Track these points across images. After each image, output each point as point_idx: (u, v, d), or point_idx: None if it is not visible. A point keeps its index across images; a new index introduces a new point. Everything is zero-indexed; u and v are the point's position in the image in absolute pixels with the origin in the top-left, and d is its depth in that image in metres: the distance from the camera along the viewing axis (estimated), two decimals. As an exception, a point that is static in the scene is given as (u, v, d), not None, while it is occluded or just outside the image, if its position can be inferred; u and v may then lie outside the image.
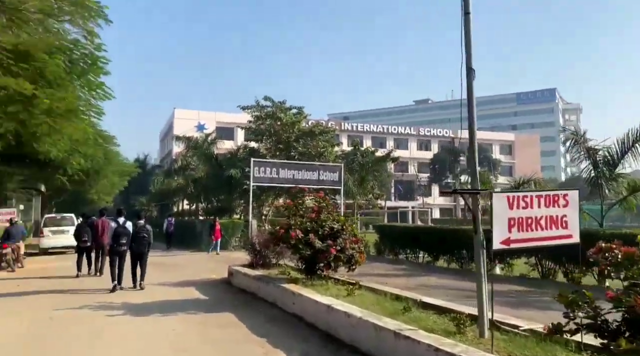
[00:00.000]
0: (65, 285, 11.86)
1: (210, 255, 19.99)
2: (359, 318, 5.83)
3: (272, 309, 8.42)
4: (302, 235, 8.69)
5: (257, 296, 9.56)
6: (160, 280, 12.14)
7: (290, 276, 9.60)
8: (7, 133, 19.14)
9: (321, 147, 26.29)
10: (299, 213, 9.35)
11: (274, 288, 8.70)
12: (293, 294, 7.80)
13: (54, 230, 20.35)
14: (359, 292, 7.91)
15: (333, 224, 9.03)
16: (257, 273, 10.20)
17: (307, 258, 8.84)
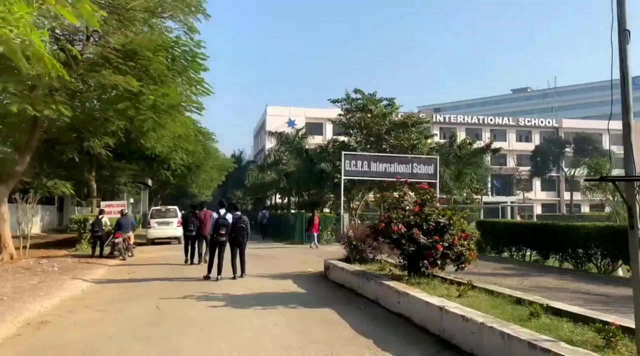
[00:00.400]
0: (170, 273, 12.30)
1: (308, 248, 19.94)
2: (480, 324, 5.12)
3: (374, 307, 7.91)
4: (405, 230, 8.06)
5: (356, 292, 9.11)
6: (257, 272, 12.15)
7: (392, 273, 9.02)
8: (118, 131, 20.64)
9: (414, 139, 25.29)
10: (400, 206, 8.71)
11: (375, 285, 8.17)
12: (398, 293, 7.22)
13: (160, 221, 21.54)
14: (471, 293, 7.14)
15: (439, 218, 8.28)
16: (356, 269, 9.74)
17: (410, 254, 8.19)
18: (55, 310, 7.96)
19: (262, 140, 61.47)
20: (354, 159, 22.18)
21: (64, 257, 15.45)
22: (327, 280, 11.03)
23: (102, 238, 15.89)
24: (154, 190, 43.15)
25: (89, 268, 13.20)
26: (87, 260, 14.97)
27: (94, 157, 22.36)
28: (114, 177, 27.63)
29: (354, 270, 9.53)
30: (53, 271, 12.22)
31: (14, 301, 8.33)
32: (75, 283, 10.56)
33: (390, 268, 9.39)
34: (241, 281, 10.90)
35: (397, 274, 8.97)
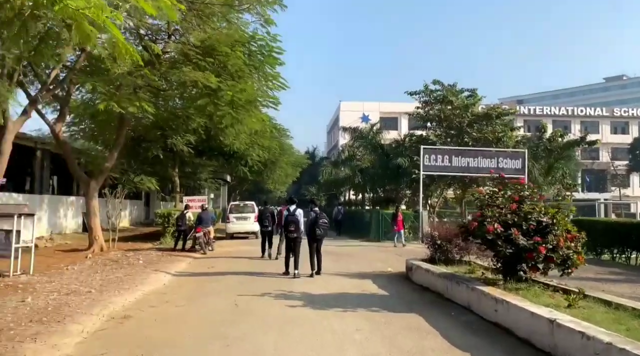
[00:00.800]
0: (248, 268, 12.22)
1: (390, 246, 19.23)
2: (607, 344, 4.26)
3: (466, 314, 7.15)
4: (501, 230, 7.20)
5: (443, 296, 8.36)
6: (334, 270, 11.73)
7: (484, 277, 8.18)
8: (199, 128, 21.19)
9: (499, 132, 23.67)
10: (494, 203, 7.84)
11: (467, 290, 7.40)
12: (495, 300, 6.42)
13: (238, 216, 21.84)
14: (582, 303, 6.18)
15: (540, 217, 7.32)
16: (443, 271, 8.97)
17: (507, 257, 7.31)
18: (138, 304, 8.00)
19: (335, 136, 61.29)
20: (434, 153, 21.17)
21: (148, 250, 15.99)
22: (409, 281, 10.34)
23: (185, 232, 16.27)
24: (232, 186, 44.41)
25: (172, 261, 13.48)
26: (170, 253, 15.37)
27: (177, 153, 23.15)
28: (195, 173, 28.56)
29: (440, 272, 8.78)
30: (138, 264, 12.57)
31: (100, 294, 8.51)
32: (158, 277, 10.72)
33: (483, 271, 8.53)
34: (318, 279, 10.52)
35: (491, 278, 8.11)
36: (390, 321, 6.81)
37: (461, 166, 20.99)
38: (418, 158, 24.34)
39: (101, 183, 15.78)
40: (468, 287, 7.36)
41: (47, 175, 20.70)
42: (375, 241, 21.06)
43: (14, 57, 8.75)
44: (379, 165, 27.88)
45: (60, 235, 20.52)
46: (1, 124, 9.56)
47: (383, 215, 21.13)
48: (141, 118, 19.65)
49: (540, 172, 22.78)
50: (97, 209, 15.52)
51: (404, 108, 55.08)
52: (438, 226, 11.39)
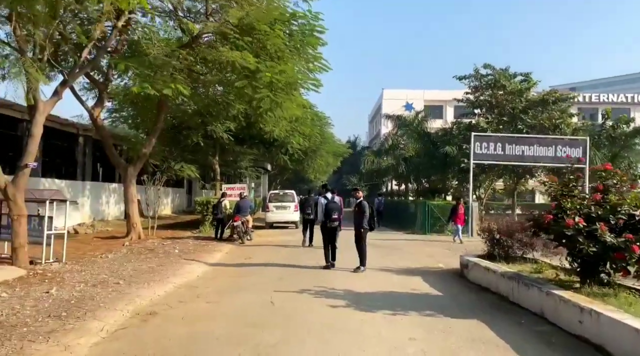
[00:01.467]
0: (286, 260, 11.44)
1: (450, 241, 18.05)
2: None
3: (539, 324, 6.01)
4: (584, 224, 6.01)
5: (507, 299, 7.23)
6: (379, 264, 10.75)
7: (559, 278, 6.99)
8: (239, 114, 20.59)
9: (556, 118, 21.81)
10: (571, 193, 6.63)
11: (540, 294, 6.25)
12: (580, 309, 5.28)
13: (277, 205, 21.15)
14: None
15: (632, 210, 6.08)
16: (506, 270, 7.82)
17: (588, 256, 6.12)
18: (167, 299, 7.32)
19: (377, 125, 59.82)
20: (486, 141, 19.68)
21: (186, 239, 15.52)
22: (464, 280, 9.22)
23: (222, 221, 15.69)
24: (273, 175, 43.92)
25: (208, 251, 12.88)
26: (208, 242, 14.83)
27: (217, 141, 22.66)
28: (236, 161, 28.14)
29: (503, 272, 7.62)
30: (173, 254, 12.03)
31: (129, 287, 7.90)
32: (192, 268, 10.09)
33: (556, 272, 7.32)
34: (362, 274, 9.58)
35: (565, 280, 6.93)
36: (448, 328, 5.79)
37: (515, 155, 19.41)
38: (467, 146, 22.85)
39: (139, 169, 15.39)
40: (541, 291, 6.21)
41: (89, 161, 20.67)
42: (420, 234, 19.86)
43: (43, 34, 8.20)
44: (425, 154, 26.48)
45: (102, 222, 20.51)
46: (31, 104, 9.07)
47: (430, 207, 19.87)
48: (181, 105, 19.26)
49: (603, 161, 20.77)
50: (135, 196, 15.16)
51: (449, 96, 53.14)
52: (497, 219, 10.14)
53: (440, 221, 20.01)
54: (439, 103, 52.36)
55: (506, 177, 24.26)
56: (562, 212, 6.32)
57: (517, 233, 9.05)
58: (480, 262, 8.66)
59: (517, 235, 9.04)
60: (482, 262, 8.71)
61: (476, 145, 19.38)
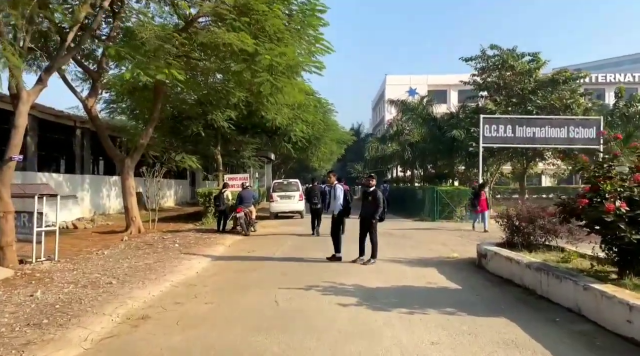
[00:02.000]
0: (292, 252, 10.78)
1: (452, 228, 17.33)
2: None
3: (577, 322, 5.30)
4: (626, 209, 5.28)
5: (534, 292, 6.53)
6: (389, 255, 10.07)
7: (594, 269, 6.27)
8: (239, 103, 19.84)
9: (567, 98, 20.93)
10: (608, 175, 5.88)
11: (575, 288, 5.54)
12: (630, 307, 4.56)
13: (282, 195, 20.47)
14: None
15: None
16: (532, 260, 7.09)
17: (631, 244, 5.39)
18: (162, 300, 6.66)
19: (380, 111, 58.92)
20: (495, 123, 18.86)
21: (188, 232, 14.88)
22: (482, 271, 8.51)
23: (225, 212, 15.02)
24: (277, 164, 43.23)
25: (209, 244, 12.23)
26: (210, 235, 14.18)
27: (219, 130, 21.92)
28: (238, 151, 27.39)
29: (529, 262, 6.90)
30: (173, 248, 11.38)
31: (122, 286, 7.25)
32: (192, 264, 9.42)
33: (591, 262, 6.58)
34: (373, 267, 8.89)
35: (599, 270, 6.21)
36: (474, 329, 5.10)
37: (526, 137, 18.60)
38: (475, 130, 22.04)
39: (137, 161, 14.70)
40: (577, 284, 5.49)
41: (88, 154, 20.02)
42: (429, 220, 19.15)
43: (19, 14, 7.47)
44: (431, 138, 25.67)
45: (103, 216, 19.93)
46: (14, 93, 8.36)
47: (439, 193, 19.12)
48: (179, 94, 18.53)
49: (617, 142, 19.89)
50: (133, 188, 14.49)
51: (453, 80, 52.12)
52: (514, 204, 9.38)
53: (449, 207, 19.29)
54: (442, 87, 51.39)
55: (515, 160, 23.42)
56: (599, 196, 5.57)
57: (539, 219, 8.32)
58: (500, 251, 7.94)
59: (539, 221, 8.31)
60: (502, 251, 7.99)
61: (485, 128, 18.59)
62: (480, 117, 18.76)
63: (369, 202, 9.22)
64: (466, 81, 23.62)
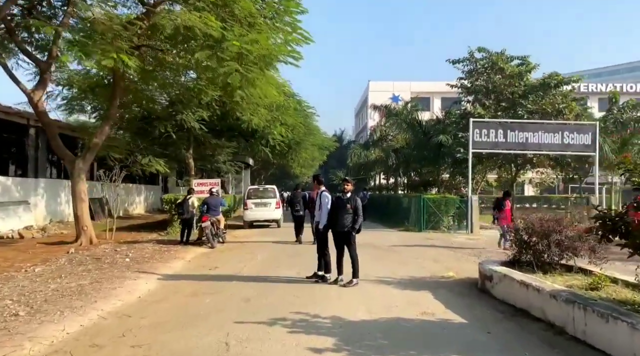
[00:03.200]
0: (261, 269, 9.13)
1: (438, 237, 15.87)
2: None
3: (638, 383, 3.83)
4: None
5: (564, 332, 5.02)
6: (375, 273, 8.53)
7: None
8: (213, 102, 18.24)
9: (559, 103, 19.81)
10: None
11: (632, 333, 4.04)
12: None
13: (257, 202, 18.80)
14: None
15: None
16: (556, 288, 5.57)
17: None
18: (77, 341, 4.97)
19: (363, 118, 57.77)
20: (486, 128, 17.55)
21: (148, 243, 13.12)
22: (487, 296, 6.98)
23: (189, 221, 13.30)
24: (256, 170, 41.48)
25: (167, 259, 10.51)
26: (172, 247, 12.45)
27: (191, 132, 20.21)
28: (213, 155, 25.66)
29: (553, 291, 5.38)
30: (122, 264, 9.64)
31: (30, 320, 5.54)
32: (137, 284, 7.73)
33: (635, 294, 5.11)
34: (356, 289, 7.32)
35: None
36: (499, 396, 3.55)
37: (518, 142, 17.35)
38: (463, 135, 20.85)
39: (90, 162, 12.95)
40: (635, 329, 4.00)
41: (43, 156, 18.06)
42: (415, 231, 17.69)
43: None
44: (416, 144, 24.34)
45: (60, 224, 17.96)
46: None
47: (426, 201, 17.69)
48: (145, 91, 16.82)
49: (612, 148, 18.86)
50: (85, 193, 12.68)
51: (436, 87, 51.26)
52: (527, 215, 7.88)
53: (436, 216, 17.86)
54: (426, 95, 50.36)
55: (506, 167, 22.19)
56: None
57: (554, 234, 6.87)
58: (511, 274, 6.44)
59: (554, 236, 6.86)
60: (514, 273, 6.49)
61: (475, 132, 17.29)
62: (470, 121, 17.45)
63: (346, 211, 7.64)
64: (453, 84, 22.32)
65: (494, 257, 9.56)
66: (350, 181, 7.92)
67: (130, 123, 20.95)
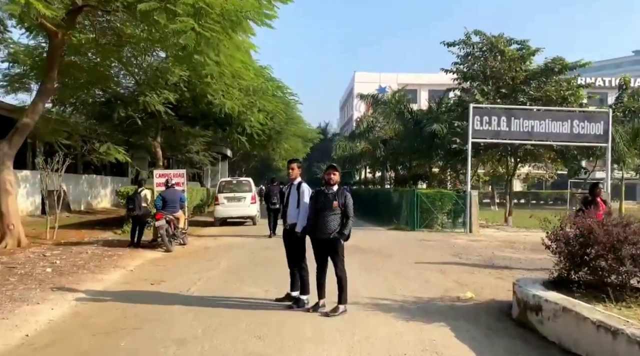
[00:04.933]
0: (222, 283, 6.91)
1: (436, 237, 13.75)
2: None
3: None
4: None
5: None
6: (367, 291, 6.39)
7: None
8: (181, 83, 16.08)
9: (565, 89, 17.87)
10: None
11: None
12: None
13: (230, 196, 16.48)
14: None
15: None
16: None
17: None
18: None
19: (349, 110, 55.62)
20: (487, 114, 15.47)
21: (91, 245, 10.77)
22: (532, 334, 4.81)
23: (141, 219, 10.94)
24: (236, 163, 39.05)
25: (102, 268, 8.17)
26: (119, 250, 10.13)
27: (159, 118, 17.77)
28: (185, 145, 23.21)
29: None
30: (37, 276, 7.28)
31: None
32: (37, 312, 5.41)
33: None
34: (343, 323, 5.11)
35: None
36: None
37: (522, 131, 15.37)
38: (460, 124, 18.80)
39: (17, 147, 10.44)
40: None
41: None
42: (407, 230, 15.61)
43: None
44: (406, 135, 22.20)
45: None
46: None
47: (420, 196, 15.59)
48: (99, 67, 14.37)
49: (622, 138, 16.99)
50: (11, 183, 10.22)
51: (423, 79, 49.42)
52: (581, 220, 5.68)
53: (431, 213, 15.79)
54: (413, 86, 48.31)
55: (504, 160, 20.22)
56: None
57: (627, 245, 4.78)
58: (577, 308, 4.27)
59: (627, 248, 4.77)
60: (580, 306, 4.31)
61: (476, 120, 15.24)
62: (470, 106, 15.39)
63: (331, 210, 5.44)
64: (448, 69, 20.17)
65: (512, 264, 7.50)
66: (337, 169, 5.67)
67: (90, 108, 18.48)
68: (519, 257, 9.91)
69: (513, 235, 14.78)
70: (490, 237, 13.82)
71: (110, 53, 13.28)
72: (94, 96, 18.25)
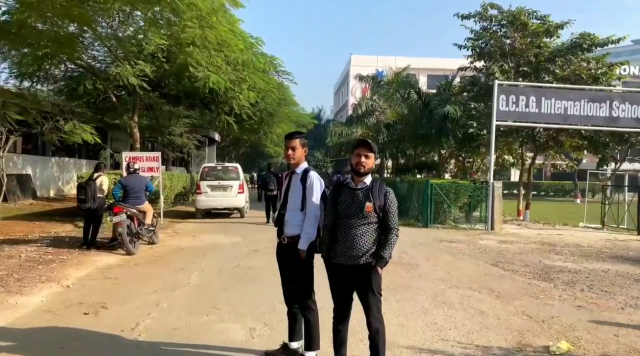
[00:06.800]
0: (185, 316, 4.59)
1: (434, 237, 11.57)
2: None
3: None
4: None
5: None
6: (403, 331, 4.20)
7: None
8: (159, 54, 13.87)
9: (596, 68, 15.69)
10: None
11: None
12: None
13: (213, 185, 14.15)
14: None
15: None
16: None
17: None
18: None
19: (344, 95, 53.22)
20: (514, 93, 13.19)
21: (36, 243, 8.44)
22: None
23: (96, 213, 8.55)
24: (225, 148, 36.48)
25: (28, 282, 5.84)
26: (67, 251, 7.82)
27: (136, 94, 15.30)
28: (167, 126, 20.69)
29: None
30: None
31: None
32: None
33: None
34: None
35: None
36: None
37: (554, 113, 13.18)
38: (476, 105, 16.58)
39: None
40: None
41: None
42: (419, 226, 13.43)
43: None
44: (414, 118, 19.92)
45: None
46: None
47: (435, 188, 13.36)
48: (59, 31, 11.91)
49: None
50: None
51: (423, 63, 47.03)
52: None
53: (445, 208, 13.60)
54: (412, 71, 45.97)
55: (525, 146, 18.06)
56: None
57: None
58: None
59: None
60: None
61: (501, 99, 13.01)
62: (495, 84, 13.14)
63: (363, 216, 3.14)
64: (462, 45, 17.82)
65: (578, 280, 5.31)
66: (372, 148, 3.36)
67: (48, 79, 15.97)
68: (576, 267, 7.74)
69: (544, 233, 12.66)
70: (518, 236, 11.68)
71: (70, 10, 10.85)
72: (63, 69, 15.85)
